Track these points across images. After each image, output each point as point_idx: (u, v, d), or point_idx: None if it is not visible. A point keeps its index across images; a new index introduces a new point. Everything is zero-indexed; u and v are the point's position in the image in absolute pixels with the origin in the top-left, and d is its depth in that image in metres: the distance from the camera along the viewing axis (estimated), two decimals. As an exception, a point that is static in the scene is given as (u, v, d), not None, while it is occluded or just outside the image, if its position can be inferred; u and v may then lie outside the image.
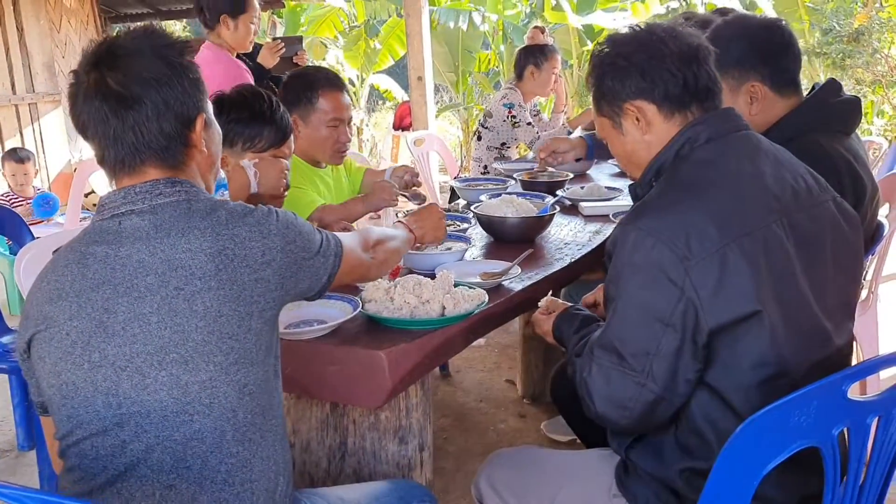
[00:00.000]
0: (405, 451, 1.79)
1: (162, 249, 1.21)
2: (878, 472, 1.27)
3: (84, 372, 1.20)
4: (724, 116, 1.45)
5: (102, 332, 1.20)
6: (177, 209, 1.25)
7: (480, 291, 1.81)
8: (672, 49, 1.42)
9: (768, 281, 1.29)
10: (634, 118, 1.47)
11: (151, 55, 1.27)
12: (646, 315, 1.30)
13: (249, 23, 3.50)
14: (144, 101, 1.24)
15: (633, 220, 1.35)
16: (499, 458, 1.71)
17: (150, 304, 1.19)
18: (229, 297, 1.21)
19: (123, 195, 1.26)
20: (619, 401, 1.33)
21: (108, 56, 1.26)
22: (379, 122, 11.94)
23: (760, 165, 1.40)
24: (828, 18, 7.82)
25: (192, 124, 1.31)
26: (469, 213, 2.62)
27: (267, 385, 1.28)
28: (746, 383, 1.31)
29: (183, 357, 1.19)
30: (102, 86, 1.24)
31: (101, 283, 1.21)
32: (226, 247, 1.23)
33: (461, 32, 9.30)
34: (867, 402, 1.18)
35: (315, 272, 1.38)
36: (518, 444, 2.89)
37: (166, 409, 1.19)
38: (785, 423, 1.13)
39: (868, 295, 2.68)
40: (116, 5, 7.73)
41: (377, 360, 1.57)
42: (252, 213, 1.30)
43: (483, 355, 3.77)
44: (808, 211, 1.39)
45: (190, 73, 1.31)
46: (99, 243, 1.24)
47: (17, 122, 6.61)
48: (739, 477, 1.16)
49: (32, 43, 6.73)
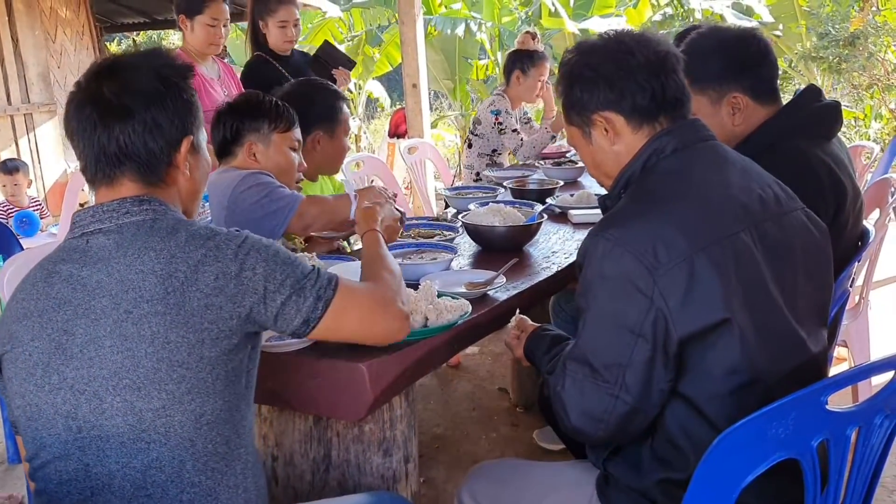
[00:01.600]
0: (390, 464, 1.78)
1: (118, 270, 1.20)
2: (860, 483, 1.26)
3: (45, 394, 1.19)
4: (690, 127, 1.44)
5: (61, 354, 1.19)
6: (140, 228, 1.24)
7: (464, 302, 1.80)
8: (640, 60, 1.41)
9: (738, 289, 1.28)
10: (603, 129, 1.46)
11: (149, 72, 1.29)
12: (616, 326, 1.29)
13: (208, 25, 3.35)
14: (134, 113, 1.25)
15: (601, 230, 1.34)
16: (481, 472, 1.70)
17: (104, 327, 1.18)
18: (176, 323, 1.18)
19: (92, 213, 1.26)
20: (593, 413, 1.32)
21: (109, 69, 1.29)
22: (378, 129, 11.95)
23: (727, 175, 1.40)
24: (824, 23, 7.82)
25: (178, 145, 1.31)
26: (458, 221, 2.61)
27: (230, 415, 1.25)
28: (720, 392, 1.30)
29: (135, 383, 1.17)
30: (96, 94, 1.26)
31: (63, 303, 1.21)
32: (177, 269, 1.20)
33: (458, 40, 9.31)
34: (847, 412, 1.17)
35: (283, 310, 1.28)
36: (510, 453, 2.88)
37: (123, 435, 1.17)
38: (763, 435, 1.12)
39: (859, 301, 2.67)
40: (112, 15, 7.76)
41: (358, 373, 1.56)
42: (215, 236, 1.25)
43: (476, 364, 3.76)
44: (776, 220, 1.39)
45: (184, 94, 1.32)
46: (66, 262, 1.24)
47: (13, 132, 6.62)
48: (718, 489, 1.15)
49: (28, 53, 6.74)
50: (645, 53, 1.42)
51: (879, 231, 2.40)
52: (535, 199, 2.98)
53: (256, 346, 1.34)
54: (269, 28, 3.57)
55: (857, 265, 1.97)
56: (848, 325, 2.57)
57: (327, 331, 1.34)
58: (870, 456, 1.24)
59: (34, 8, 6.82)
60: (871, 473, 1.26)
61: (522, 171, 3.76)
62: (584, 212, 2.80)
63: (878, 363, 1.18)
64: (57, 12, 7.07)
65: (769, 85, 1.92)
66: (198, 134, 1.36)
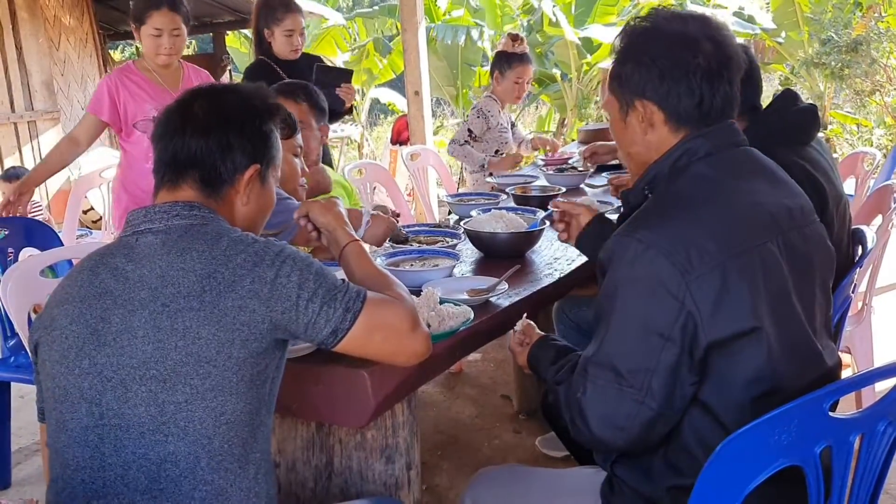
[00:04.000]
0: (392, 471, 1.77)
1: (160, 266, 1.26)
2: (864, 490, 1.26)
3: (74, 377, 1.24)
4: (724, 131, 1.41)
5: (95, 340, 1.24)
6: (187, 230, 1.30)
7: (466, 308, 1.80)
8: (701, 62, 1.36)
9: (765, 298, 1.28)
10: (640, 116, 1.43)
11: (239, 100, 1.43)
12: (645, 329, 1.27)
13: (152, 35, 3.22)
14: (212, 129, 1.36)
15: (632, 231, 1.31)
16: (483, 478, 1.70)
17: (140, 318, 1.23)
18: (209, 321, 1.22)
19: (145, 214, 1.34)
20: (615, 420, 1.30)
21: (208, 90, 1.45)
22: (381, 136, 11.97)
23: (756, 183, 1.39)
24: (826, 29, 7.82)
25: (244, 169, 1.40)
26: (460, 228, 2.61)
27: (250, 418, 1.27)
28: (740, 400, 1.28)
29: (161, 374, 1.20)
30: (187, 108, 1.39)
31: (104, 293, 1.26)
32: (217, 270, 1.25)
33: (460, 47, 9.33)
34: (849, 419, 1.17)
35: (314, 319, 1.31)
36: (513, 460, 2.87)
37: (143, 425, 1.20)
38: (766, 442, 1.11)
39: (862, 307, 2.66)
40: (116, 23, 7.78)
41: (360, 380, 1.56)
42: (255, 243, 1.31)
43: (479, 371, 3.75)
44: (800, 230, 1.38)
45: (263, 126, 1.43)
46: (114, 256, 1.31)
47: (17, 140, 6.63)
48: (721, 496, 1.14)
49: (31, 61, 6.76)
50: (708, 55, 1.36)
51: (882, 237, 2.40)
52: (538, 205, 2.98)
53: (283, 355, 1.37)
54: (276, 36, 3.58)
55: (860, 271, 1.96)
56: (851, 332, 2.56)
57: (355, 342, 1.35)
58: (873, 463, 1.23)
59: (38, 16, 6.84)
60: (875, 480, 1.26)
61: (525, 177, 3.76)
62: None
63: (881, 369, 1.18)
64: (60, 20, 7.09)
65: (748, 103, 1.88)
66: (268, 167, 1.45)
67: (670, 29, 1.40)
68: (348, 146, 10.45)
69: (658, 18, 1.42)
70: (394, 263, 2.21)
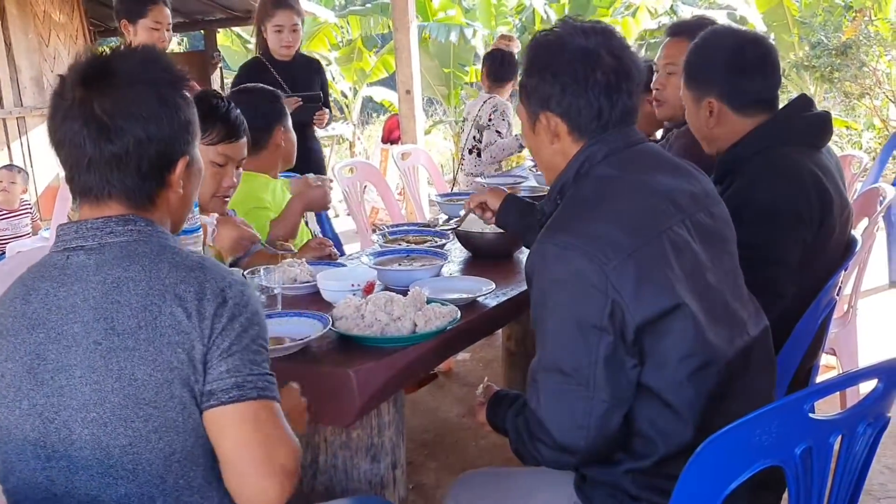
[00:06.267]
0: (377, 470, 1.78)
1: (94, 296, 1.14)
2: (844, 489, 1.26)
3: (16, 418, 1.15)
4: (620, 133, 1.48)
5: (32, 378, 1.14)
6: (122, 251, 1.17)
7: (453, 308, 1.80)
8: (600, 77, 1.43)
9: (681, 276, 1.34)
10: (546, 127, 1.50)
11: (146, 87, 1.19)
12: (579, 326, 1.32)
13: (151, 29, 3.24)
14: (127, 136, 1.16)
15: (547, 237, 1.38)
16: (465, 480, 1.71)
17: (75, 356, 1.12)
18: (145, 360, 1.11)
19: (76, 229, 1.20)
20: (573, 420, 1.34)
21: (100, 77, 1.18)
22: (373, 135, 11.96)
23: (658, 175, 1.46)
24: (816, 32, 7.87)
25: (173, 166, 1.23)
26: (448, 228, 2.61)
27: (205, 449, 1.16)
28: (678, 378, 1.35)
29: (102, 418, 1.11)
30: (86, 109, 1.16)
31: (38, 324, 1.15)
32: (153, 302, 1.12)
33: (452, 46, 9.34)
34: (830, 420, 1.17)
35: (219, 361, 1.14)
36: (499, 460, 2.87)
37: (91, 468, 1.12)
38: (747, 442, 1.12)
39: (848, 309, 2.68)
40: (106, 19, 7.73)
41: (346, 379, 1.56)
42: (202, 270, 1.17)
43: (467, 370, 3.76)
44: (707, 209, 1.47)
45: (182, 113, 1.23)
46: (45, 279, 1.18)
47: (6, 136, 6.59)
48: (701, 497, 1.15)
49: (21, 57, 6.72)
50: (608, 69, 1.43)
51: (867, 240, 2.41)
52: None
53: None
54: (268, 33, 3.58)
55: (845, 274, 1.97)
56: (836, 334, 2.58)
57: (222, 419, 1.13)
58: (853, 464, 1.24)
59: (27, 12, 6.80)
60: (855, 480, 1.27)
61: (514, 178, 3.77)
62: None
63: (861, 371, 1.19)
64: (50, 16, 7.05)
65: (753, 97, 1.93)
66: (193, 150, 1.27)
67: (573, 43, 1.45)
68: (340, 145, 10.44)
69: (562, 32, 1.48)
70: (381, 263, 2.21)
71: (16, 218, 5.21)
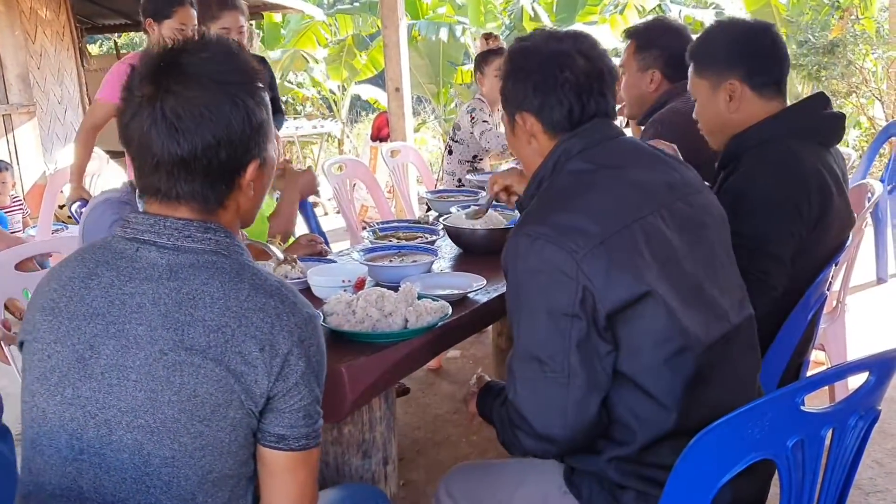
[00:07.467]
0: (369, 465, 1.77)
1: (165, 302, 1.10)
2: (834, 482, 1.27)
3: (55, 404, 1.12)
4: (595, 129, 1.51)
5: (81, 369, 1.11)
6: (199, 260, 1.14)
7: (444, 304, 1.80)
8: (569, 76, 1.47)
9: (652, 265, 1.36)
10: (523, 128, 1.54)
11: (217, 88, 1.13)
12: (551, 314, 1.34)
13: (176, 30, 3.19)
14: (195, 139, 1.11)
15: (520, 229, 1.41)
16: (457, 471, 1.72)
17: (134, 358, 1.09)
18: (209, 379, 1.09)
19: (152, 223, 1.15)
20: (551, 409, 1.36)
21: (169, 73, 1.12)
22: (361, 133, 11.94)
23: (634, 167, 1.49)
24: (803, 31, 7.90)
25: (243, 170, 1.18)
26: (439, 224, 2.61)
27: (238, 470, 1.16)
28: (653, 364, 1.36)
29: (150, 426, 1.09)
30: (154, 108, 1.11)
31: (96, 314, 1.12)
32: (227, 324, 1.10)
33: (442, 44, 9.34)
34: (821, 413, 1.18)
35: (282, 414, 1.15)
36: (490, 456, 2.87)
37: (125, 472, 1.10)
38: (739, 436, 1.13)
39: (837, 305, 2.69)
40: (93, 16, 7.70)
41: (337, 375, 1.56)
42: (278, 293, 1.15)
43: (458, 367, 3.76)
44: (685, 198, 1.48)
45: (254, 116, 1.16)
46: (109, 266, 1.14)
47: (-8, 132, 6.55)
48: (694, 489, 1.16)
49: (7, 54, 6.67)
50: (578, 69, 1.47)
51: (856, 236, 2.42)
52: (517, 202, 2.98)
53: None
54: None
55: (835, 269, 1.98)
56: (825, 329, 2.58)
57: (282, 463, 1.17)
58: (843, 457, 1.25)
59: (13, 8, 6.75)
60: (846, 474, 1.27)
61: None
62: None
63: (851, 364, 1.20)
64: (37, 13, 7.00)
65: (772, 78, 1.92)
66: (265, 152, 1.21)
67: (546, 47, 1.51)
68: (328, 142, 10.42)
69: (536, 38, 1.55)
70: (372, 259, 2.20)
71: (8, 214, 5.17)
